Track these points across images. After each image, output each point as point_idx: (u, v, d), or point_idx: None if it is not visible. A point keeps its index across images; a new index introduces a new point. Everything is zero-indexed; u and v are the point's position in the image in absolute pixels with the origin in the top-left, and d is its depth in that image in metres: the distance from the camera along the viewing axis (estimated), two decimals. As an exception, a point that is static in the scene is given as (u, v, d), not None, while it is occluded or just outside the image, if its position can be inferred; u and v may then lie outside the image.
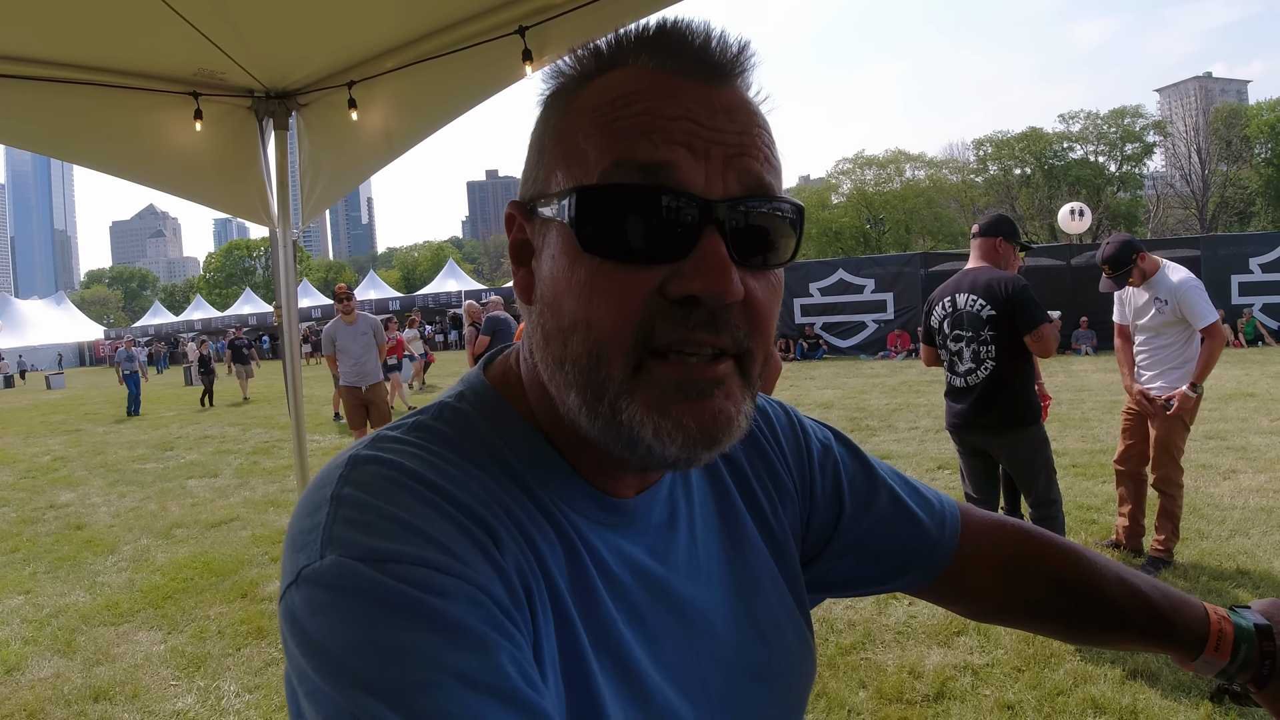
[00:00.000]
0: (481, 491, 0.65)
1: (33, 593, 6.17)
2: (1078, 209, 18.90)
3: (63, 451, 14.28)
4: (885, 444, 9.93)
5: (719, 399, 0.65)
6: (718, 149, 0.64)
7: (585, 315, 0.64)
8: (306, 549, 0.60)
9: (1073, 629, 1.05)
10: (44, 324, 67.60)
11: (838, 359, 23.38)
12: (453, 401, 0.76)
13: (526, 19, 2.96)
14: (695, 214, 0.62)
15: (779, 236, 0.67)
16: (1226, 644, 0.96)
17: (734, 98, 0.67)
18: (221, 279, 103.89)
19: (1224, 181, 56.48)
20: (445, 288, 50.39)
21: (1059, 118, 64.81)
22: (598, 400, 0.65)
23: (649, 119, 0.64)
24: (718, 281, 0.61)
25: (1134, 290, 5.29)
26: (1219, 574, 4.96)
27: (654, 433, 0.64)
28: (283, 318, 4.16)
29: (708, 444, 0.65)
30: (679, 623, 0.76)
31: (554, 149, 0.69)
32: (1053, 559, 1.04)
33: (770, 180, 0.66)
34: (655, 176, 0.62)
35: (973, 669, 3.95)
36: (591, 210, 0.63)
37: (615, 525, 0.75)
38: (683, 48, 0.67)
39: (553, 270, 0.67)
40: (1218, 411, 10.63)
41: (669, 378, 0.63)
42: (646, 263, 0.63)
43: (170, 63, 3.38)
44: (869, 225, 62.69)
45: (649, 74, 0.66)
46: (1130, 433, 5.39)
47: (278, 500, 8.92)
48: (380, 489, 0.62)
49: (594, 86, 0.68)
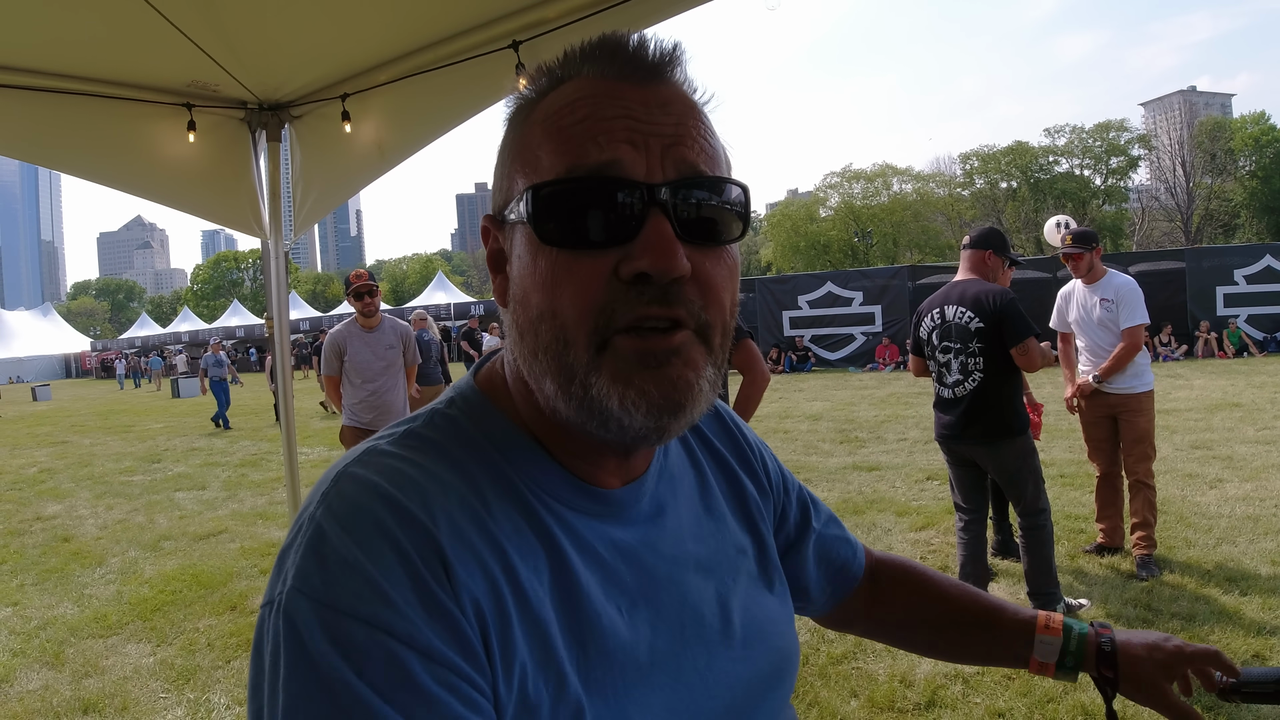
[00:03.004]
0: (455, 504, 0.69)
1: (20, 605, 6.13)
2: (1063, 222, 18.89)
3: (49, 463, 14.18)
4: (874, 455, 9.95)
5: (678, 365, 0.70)
6: (655, 140, 0.70)
7: (551, 305, 0.69)
8: (280, 572, 0.67)
9: (924, 636, 1.21)
10: (30, 335, 67.14)
11: (826, 371, 23.46)
12: (443, 408, 0.81)
13: (520, 33, 2.98)
14: (639, 199, 0.68)
15: (722, 215, 0.73)
16: (1056, 624, 1.09)
17: (669, 93, 0.74)
18: (209, 291, 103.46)
19: (1209, 194, 56.89)
20: (434, 300, 50.28)
21: (1044, 131, 65.15)
22: (570, 381, 0.70)
23: (593, 123, 0.70)
24: (663, 258, 0.67)
25: (1084, 290, 5.50)
26: (1206, 581, 4.99)
27: (619, 402, 0.69)
28: (274, 329, 4.17)
29: (671, 410, 0.70)
30: (669, 605, 0.80)
31: (514, 160, 0.75)
32: (908, 578, 1.20)
33: (704, 164, 0.72)
34: (604, 172, 0.69)
35: (963, 677, 3.96)
36: (546, 206, 0.70)
37: (602, 515, 0.79)
38: (619, 54, 0.74)
39: (520, 269, 0.73)
40: (1204, 421, 10.70)
41: (630, 350, 0.68)
42: (601, 248, 0.69)
43: (164, 74, 3.40)
44: (857, 238, 62.90)
45: (592, 82, 0.73)
46: (1094, 438, 5.60)
47: (266, 513, 8.87)
48: (350, 520, 0.66)
49: (547, 100, 0.75)
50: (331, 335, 6.34)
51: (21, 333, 66.96)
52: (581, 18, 2.89)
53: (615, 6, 2.82)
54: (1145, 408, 5.32)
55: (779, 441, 11.44)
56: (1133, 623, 4.46)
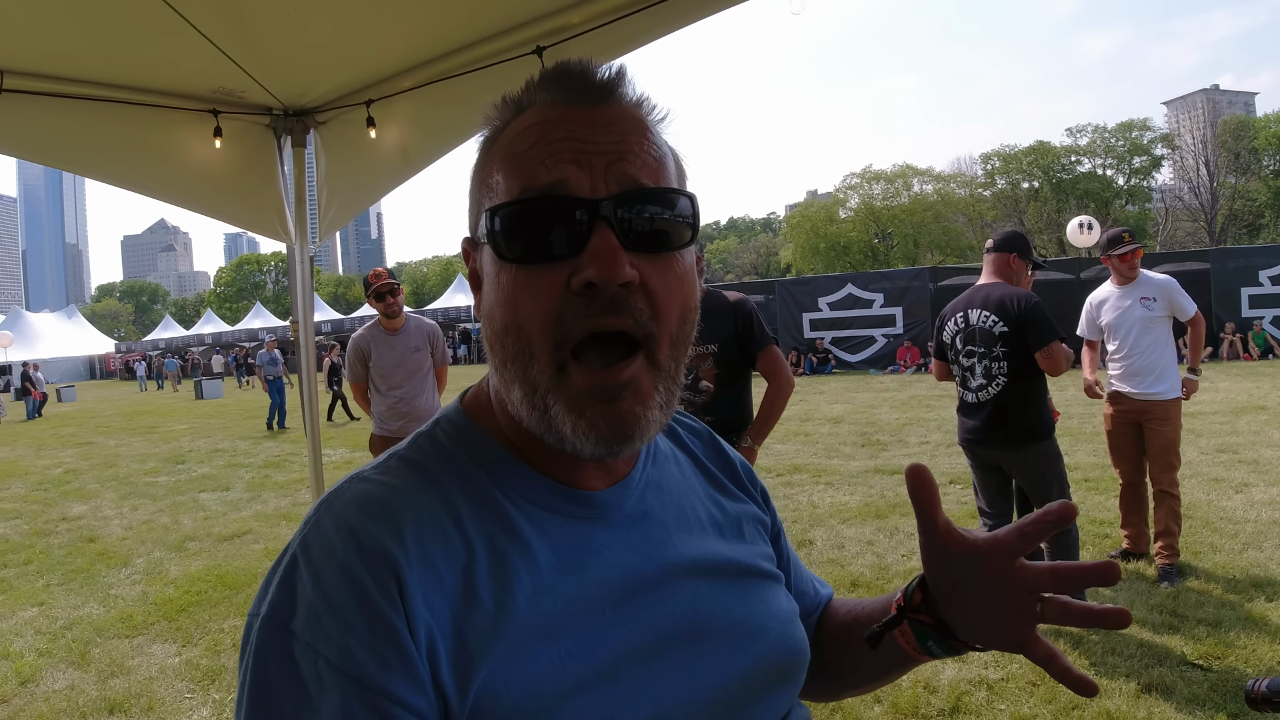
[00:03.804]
0: (426, 524, 0.74)
1: (46, 604, 6.20)
2: (1087, 222, 18.83)
3: (74, 464, 14.35)
4: (896, 458, 9.92)
5: (628, 400, 0.74)
6: (599, 158, 0.75)
7: (514, 318, 0.75)
8: (264, 590, 0.73)
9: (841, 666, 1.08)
10: (55, 337, 67.79)
11: (847, 373, 23.38)
12: (428, 430, 0.87)
13: (544, 39, 2.99)
14: (584, 213, 0.73)
15: (668, 224, 0.77)
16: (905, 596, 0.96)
17: (614, 112, 0.79)
18: (232, 293, 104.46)
19: (1232, 194, 56.41)
20: (454, 302, 50.44)
21: (1066, 131, 65.08)
22: (533, 393, 0.76)
23: (542, 147, 0.75)
24: (606, 266, 0.71)
25: (1119, 293, 5.46)
26: (1232, 587, 4.95)
27: (572, 430, 0.74)
28: (299, 332, 4.19)
29: (620, 440, 0.75)
30: (654, 604, 0.81)
31: (479, 186, 0.82)
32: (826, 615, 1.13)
33: (646, 177, 0.76)
34: (552, 192, 0.74)
35: (987, 684, 3.94)
36: (503, 226, 0.75)
37: (585, 517, 0.83)
38: (567, 80, 0.79)
39: (487, 285, 0.79)
40: (1229, 425, 10.60)
41: (585, 383, 0.74)
42: (553, 262, 0.73)
43: (191, 81, 3.42)
44: (877, 239, 62.77)
45: (544, 109, 0.79)
46: (1118, 445, 5.57)
47: (289, 514, 8.95)
48: (320, 560, 0.71)
49: (509, 129, 0.81)
50: (354, 339, 6.00)
51: (46, 334, 67.59)
52: (605, 23, 2.89)
53: (638, 12, 2.82)
54: (1172, 416, 5.27)
55: (800, 444, 11.42)
56: (1158, 629, 4.41)
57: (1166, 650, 4.17)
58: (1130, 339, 5.36)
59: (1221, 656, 4.07)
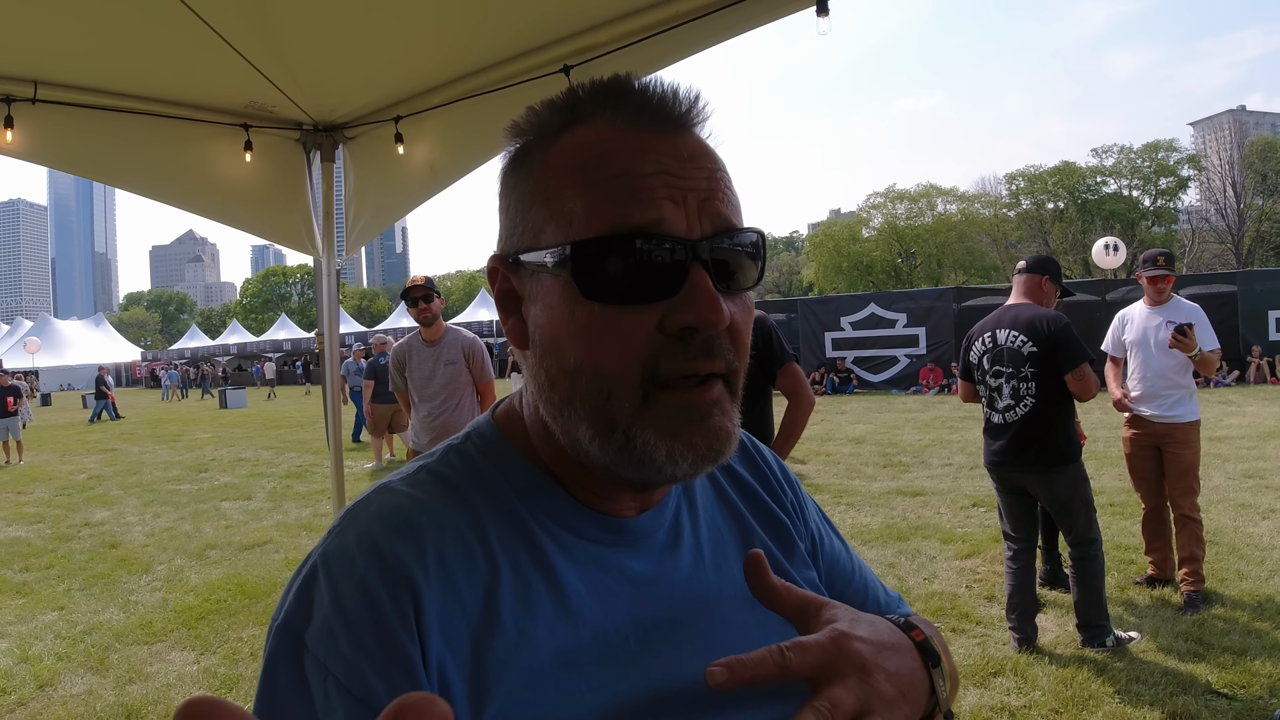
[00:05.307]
0: (449, 541, 0.72)
1: (67, 609, 6.25)
2: (1112, 244, 18.71)
3: (98, 470, 14.49)
4: (918, 480, 9.84)
5: (718, 418, 0.73)
6: (693, 195, 0.72)
7: (591, 357, 0.71)
8: (285, 597, 0.72)
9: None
10: (82, 345, 68.70)
11: (869, 393, 23.24)
12: (459, 443, 0.84)
13: (571, 58, 3.02)
14: (682, 254, 0.70)
15: (747, 262, 0.75)
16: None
17: (696, 145, 0.75)
18: (258, 304, 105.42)
19: (1260, 215, 55.69)
20: (478, 317, 50.63)
21: (1092, 151, 64.24)
22: (611, 430, 0.72)
23: (632, 179, 0.71)
24: (709, 311, 0.69)
25: (1147, 313, 5.45)
26: (1259, 614, 4.87)
27: (667, 454, 0.71)
28: (324, 344, 4.23)
29: (713, 457, 0.73)
30: (686, 633, 0.79)
31: (539, 206, 0.75)
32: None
33: (734, 215, 0.74)
34: (648, 230, 0.70)
35: (1009, 710, 3.89)
36: (589, 261, 0.70)
37: (616, 544, 0.80)
38: (646, 103, 0.74)
39: (550, 317, 0.74)
40: (1256, 450, 10.45)
41: (676, 405, 0.71)
42: (643, 303, 0.70)
43: (223, 95, 3.47)
44: (900, 259, 62.46)
45: (618, 130, 0.73)
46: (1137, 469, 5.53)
47: (310, 524, 8.98)
48: (339, 572, 0.70)
49: (563, 144, 0.75)
50: (394, 349, 5.99)
51: (75, 342, 68.61)
52: (631, 43, 2.91)
53: (666, 31, 2.83)
54: (1191, 440, 5.23)
55: (821, 464, 11.35)
56: (1184, 657, 4.35)
57: (1192, 678, 4.11)
58: (1150, 359, 5.33)
59: (1247, 685, 4.00)
